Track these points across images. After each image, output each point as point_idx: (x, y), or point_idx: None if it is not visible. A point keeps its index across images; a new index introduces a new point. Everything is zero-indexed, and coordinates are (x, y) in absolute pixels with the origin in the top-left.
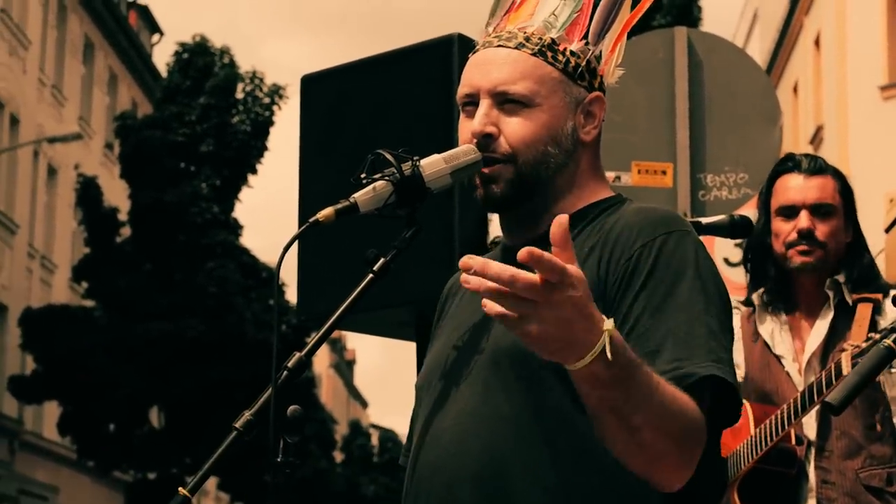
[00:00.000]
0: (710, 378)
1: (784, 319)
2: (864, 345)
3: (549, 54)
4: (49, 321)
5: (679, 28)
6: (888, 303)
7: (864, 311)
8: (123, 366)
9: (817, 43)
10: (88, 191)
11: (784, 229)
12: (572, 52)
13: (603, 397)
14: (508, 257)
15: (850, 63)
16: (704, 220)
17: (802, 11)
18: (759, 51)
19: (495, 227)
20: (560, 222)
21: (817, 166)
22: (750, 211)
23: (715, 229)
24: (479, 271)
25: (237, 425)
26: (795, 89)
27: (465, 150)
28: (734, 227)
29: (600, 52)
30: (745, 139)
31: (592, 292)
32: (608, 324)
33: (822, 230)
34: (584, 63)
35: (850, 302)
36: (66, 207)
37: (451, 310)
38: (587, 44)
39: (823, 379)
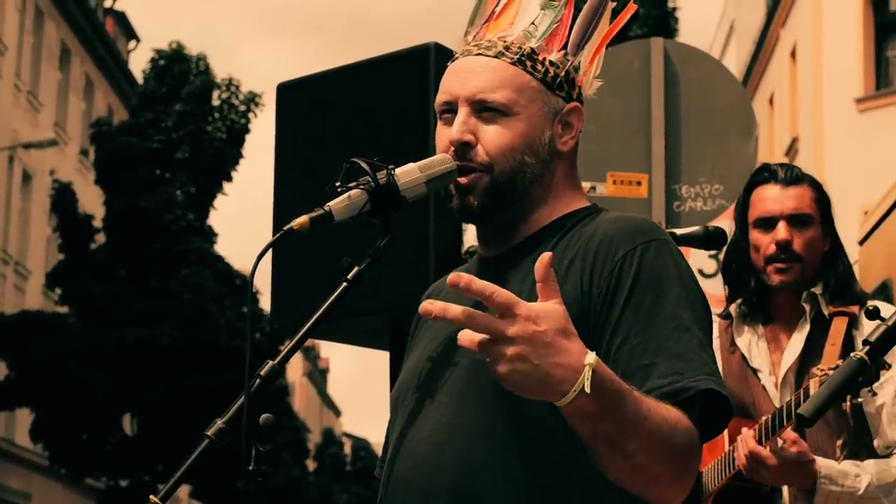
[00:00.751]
0: (706, 391)
1: (761, 332)
2: (831, 372)
3: (529, 64)
4: (22, 327)
5: (655, 39)
6: (864, 315)
7: (838, 326)
8: (97, 372)
9: (793, 54)
10: (63, 197)
11: (762, 241)
12: (551, 63)
13: (594, 430)
14: (485, 269)
15: (826, 75)
16: (679, 231)
17: (779, 23)
18: (735, 62)
19: (470, 237)
20: (543, 260)
21: (794, 176)
22: (725, 222)
23: (689, 240)
24: (437, 312)
25: (209, 433)
26: (771, 101)
27: (440, 159)
28: (708, 239)
29: (579, 63)
30: (721, 150)
31: (575, 307)
32: (590, 357)
33: (799, 241)
34: (562, 73)
35: (826, 315)
36: (41, 214)
37: (426, 321)
38: (566, 55)
39: (793, 402)
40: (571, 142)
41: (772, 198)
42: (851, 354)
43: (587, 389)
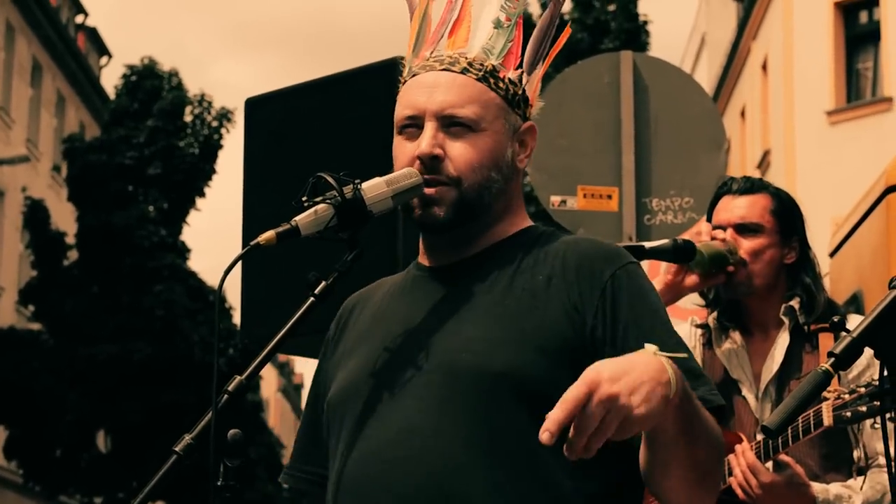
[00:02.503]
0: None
1: (741, 342)
2: (847, 397)
3: (492, 81)
4: None
5: (625, 52)
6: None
7: (825, 342)
8: (70, 389)
9: (764, 67)
10: (36, 213)
11: None
12: (511, 81)
13: (682, 426)
14: (436, 278)
15: (797, 87)
16: (647, 245)
17: (750, 36)
18: (706, 75)
19: None
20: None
21: (747, 185)
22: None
23: (658, 253)
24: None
25: (177, 449)
26: (743, 114)
27: (407, 172)
28: (677, 252)
29: (530, 83)
30: (691, 164)
31: (567, 322)
32: (669, 371)
33: (744, 248)
34: (520, 92)
35: (806, 329)
36: (13, 230)
37: (356, 327)
38: (522, 73)
39: (801, 427)
40: (526, 160)
41: (724, 208)
42: (817, 367)
43: (679, 389)
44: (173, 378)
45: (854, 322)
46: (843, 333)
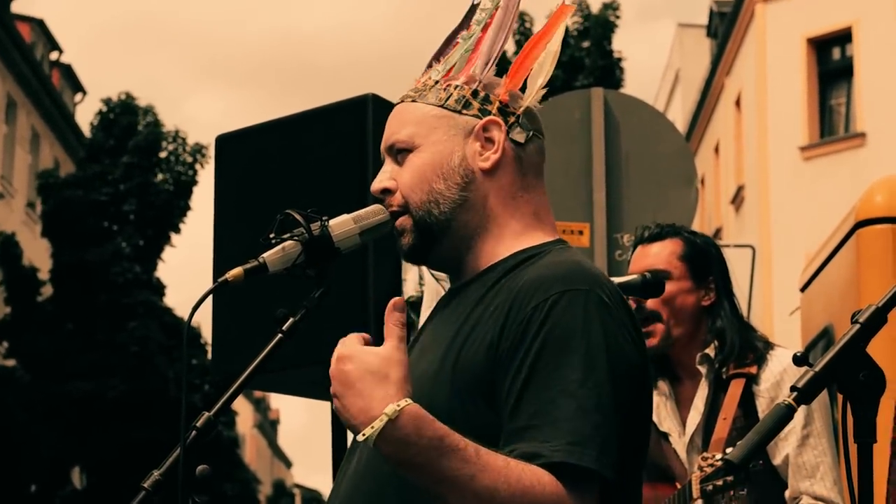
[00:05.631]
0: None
1: (668, 392)
2: (708, 469)
3: (430, 95)
4: None
5: (596, 89)
6: (773, 365)
7: (734, 391)
8: (45, 426)
9: (738, 103)
10: (8, 249)
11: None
12: (456, 86)
13: (412, 478)
14: (447, 298)
15: (771, 123)
16: (617, 280)
17: (723, 72)
18: (680, 111)
19: (409, 286)
20: (393, 303)
21: (656, 232)
22: None
23: (627, 288)
24: None
25: (146, 485)
26: (717, 149)
27: (374, 210)
28: (646, 286)
29: (492, 80)
30: (662, 199)
31: (484, 360)
32: (391, 408)
33: (651, 301)
34: (468, 93)
35: (723, 376)
36: None
37: None
38: (473, 73)
39: (676, 500)
40: (495, 156)
41: (636, 257)
42: (779, 400)
43: (372, 438)
44: (148, 414)
45: (779, 356)
46: (806, 368)
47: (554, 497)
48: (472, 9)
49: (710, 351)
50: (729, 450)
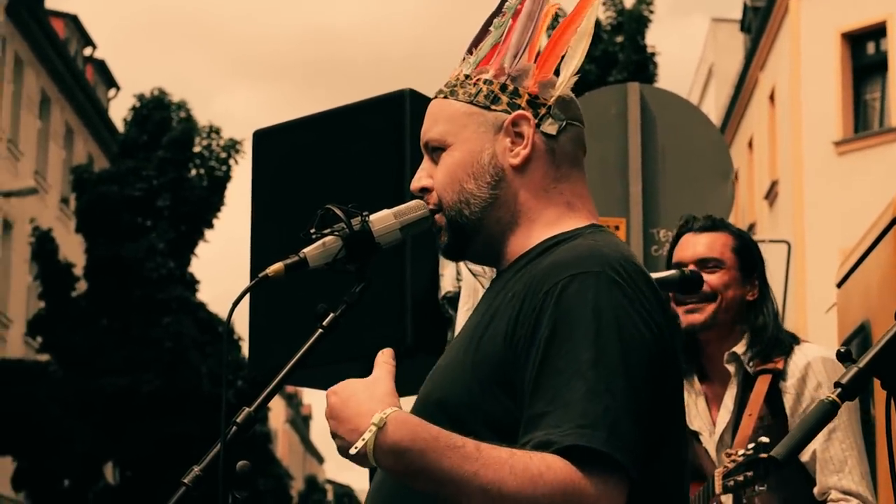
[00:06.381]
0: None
1: (699, 389)
2: (730, 465)
3: (460, 91)
4: (3, 375)
5: (632, 84)
6: (798, 360)
7: (760, 387)
8: (78, 421)
9: (772, 98)
10: (44, 245)
11: None
12: (485, 81)
13: (418, 487)
14: (491, 285)
15: (805, 118)
16: (655, 276)
17: (757, 67)
18: (714, 106)
19: (447, 281)
20: (384, 352)
21: (708, 224)
22: None
23: (665, 284)
24: None
25: (186, 481)
26: (750, 144)
27: (414, 205)
28: (684, 282)
29: (526, 69)
30: (698, 194)
31: (501, 352)
32: (376, 417)
33: (710, 281)
34: (496, 87)
35: (751, 373)
36: (22, 262)
37: None
38: (502, 67)
39: (700, 497)
40: (525, 151)
41: (684, 245)
42: (823, 397)
43: (369, 452)
44: (182, 410)
45: (805, 350)
46: (851, 364)
47: (565, 482)
48: None
49: (739, 349)
50: (750, 445)
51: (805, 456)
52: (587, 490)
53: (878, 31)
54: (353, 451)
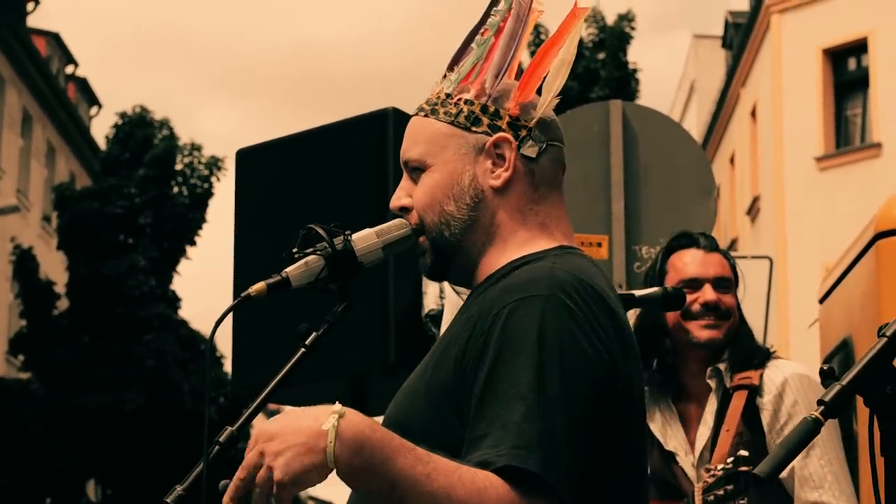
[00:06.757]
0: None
1: (673, 409)
2: (710, 480)
3: (441, 110)
4: None
5: (614, 101)
6: (773, 376)
7: (737, 403)
8: (61, 438)
9: (753, 114)
10: (25, 263)
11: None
12: (466, 101)
13: (368, 487)
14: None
15: (787, 134)
16: (638, 293)
17: (739, 83)
18: (696, 122)
19: (430, 299)
20: None
21: (714, 244)
22: None
23: (648, 302)
24: None
25: (168, 500)
26: (732, 160)
27: (397, 224)
28: (668, 299)
29: (505, 90)
30: (681, 211)
31: (453, 377)
32: (337, 406)
33: (725, 302)
34: (477, 108)
35: (728, 388)
36: (3, 280)
37: None
38: (483, 87)
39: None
40: (506, 174)
41: (695, 261)
42: (806, 415)
43: (332, 439)
44: (164, 427)
45: (780, 367)
46: (834, 382)
47: (504, 501)
48: (489, 9)
49: (722, 365)
50: (730, 459)
51: (783, 472)
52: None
53: (859, 47)
54: (305, 469)
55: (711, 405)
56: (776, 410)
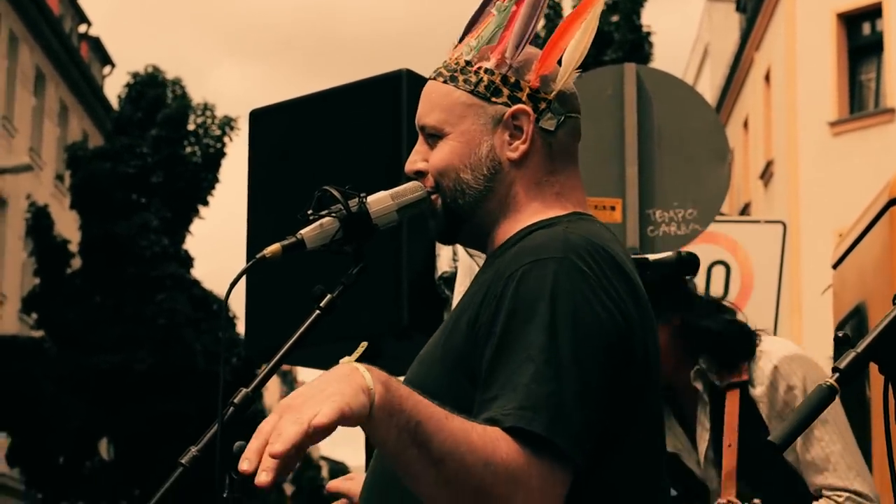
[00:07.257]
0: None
1: (669, 413)
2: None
3: (461, 78)
4: None
5: (628, 64)
6: (763, 364)
7: (731, 407)
8: (73, 397)
9: (767, 78)
10: (39, 221)
11: None
12: (486, 70)
13: (400, 427)
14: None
15: (800, 99)
16: (651, 257)
17: (753, 47)
18: (709, 86)
19: (443, 261)
20: None
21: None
22: (699, 247)
23: (661, 266)
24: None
25: (183, 461)
26: (746, 124)
27: (412, 186)
28: (681, 264)
29: (524, 62)
30: (694, 175)
31: (465, 341)
32: (360, 367)
33: None
34: (498, 79)
35: (719, 386)
36: (17, 239)
37: None
38: (504, 57)
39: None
40: (524, 146)
41: None
42: (821, 382)
43: (367, 374)
44: (176, 387)
45: (769, 353)
46: (849, 349)
47: (510, 457)
48: None
49: (703, 363)
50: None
51: (789, 456)
52: (526, 470)
53: (873, 12)
54: (352, 396)
55: (704, 407)
56: (772, 402)
